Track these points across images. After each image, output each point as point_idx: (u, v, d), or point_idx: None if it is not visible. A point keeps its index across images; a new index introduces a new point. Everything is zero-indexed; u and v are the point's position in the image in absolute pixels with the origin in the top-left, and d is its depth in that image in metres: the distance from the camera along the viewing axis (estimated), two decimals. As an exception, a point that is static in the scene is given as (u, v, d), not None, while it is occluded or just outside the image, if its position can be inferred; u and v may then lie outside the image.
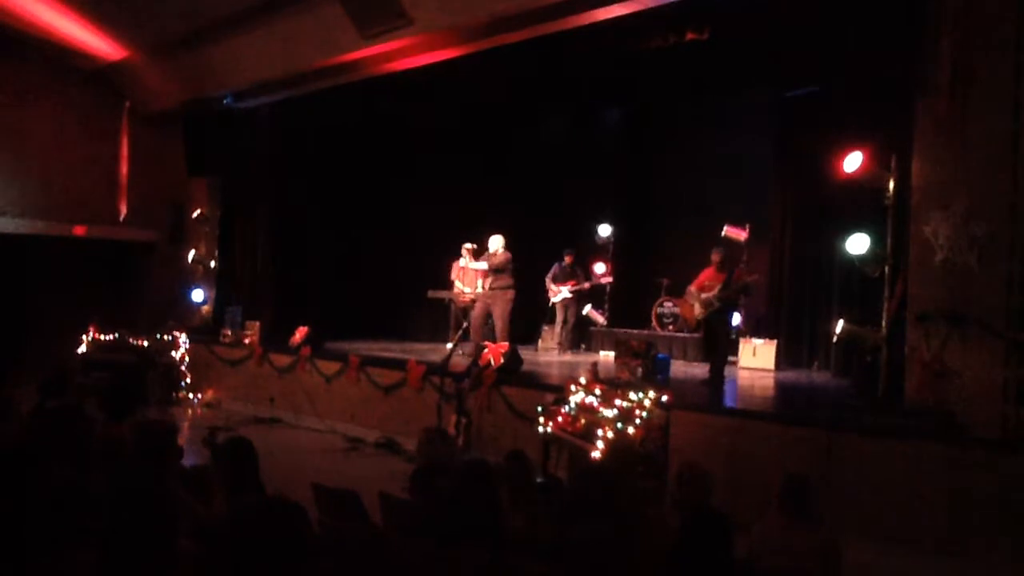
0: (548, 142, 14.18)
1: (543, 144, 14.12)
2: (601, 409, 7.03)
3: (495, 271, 11.25)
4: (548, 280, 12.85)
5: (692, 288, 9.58)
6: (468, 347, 10.92)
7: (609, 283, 13.15)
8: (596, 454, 6.57)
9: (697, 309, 9.52)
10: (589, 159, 14.13)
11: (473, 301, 11.65)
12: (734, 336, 11.27)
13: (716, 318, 9.36)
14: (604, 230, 13.36)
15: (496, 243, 11.42)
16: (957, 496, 6.08)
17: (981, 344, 6.66)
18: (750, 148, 12.31)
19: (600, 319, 13.24)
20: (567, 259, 12.84)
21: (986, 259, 6.69)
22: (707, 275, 9.48)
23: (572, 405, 7.38)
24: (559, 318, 12.92)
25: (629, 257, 13.64)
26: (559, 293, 12.75)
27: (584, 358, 11.91)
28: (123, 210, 13.97)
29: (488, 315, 11.37)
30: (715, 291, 9.27)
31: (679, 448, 6.96)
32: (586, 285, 12.81)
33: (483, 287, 11.51)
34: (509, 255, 11.33)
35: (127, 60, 13.15)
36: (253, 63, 11.79)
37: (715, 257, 9.53)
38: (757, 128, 12.03)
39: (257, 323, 12.64)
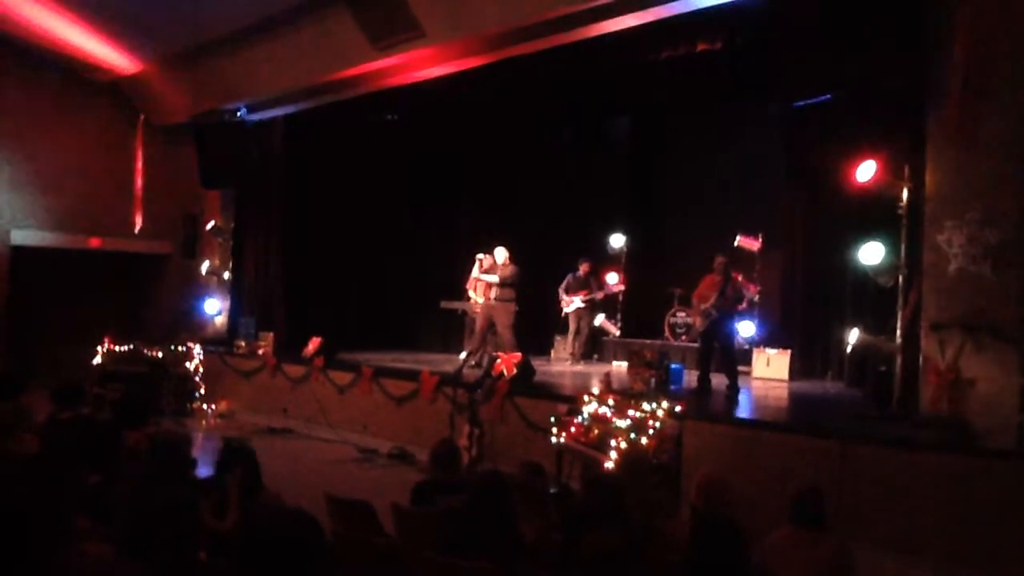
0: (559, 152, 14.23)
1: (554, 154, 14.16)
2: (614, 419, 7.02)
3: (503, 285, 11.25)
4: (561, 290, 12.82)
5: (694, 298, 9.58)
6: (477, 358, 10.97)
7: (620, 292, 13.11)
8: (609, 464, 6.55)
9: (698, 322, 9.51)
10: (601, 169, 14.16)
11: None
12: (747, 346, 11.23)
13: (715, 328, 9.32)
14: (616, 240, 13.36)
15: (501, 255, 11.42)
16: (973, 506, 6.03)
17: (996, 353, 6.63)
18: (762, 158, 12.28)
19: (613, 329, 13.22)
20: (582, 269, 12.78)
21: (1000, 267, 6.67)
22: (707, 282, 9.45)
23: (585, 415, 7.37)
24: (572, 328, 12.89)
25: (641, 267, 13.61)
26: (572, 303, 12.72)
27: (597, 368, 11.88)
28: (138, 222, 14.06)
29: (492, 326, 11.38)
30: (711, 301, 9.24)
31: (692, 458, 6.94)
32: (598, 295, 12.77)
33: (487, 297, 11.51)
34: (516, 268, 11.32)
35: (142, 73, 13.28)
36: (266, 76, 11.87)
37: (716, 264, 9.49)
38: (769, 137, 12.00)
39: (271, 334, 12.68)
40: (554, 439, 7.53)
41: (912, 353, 7.33)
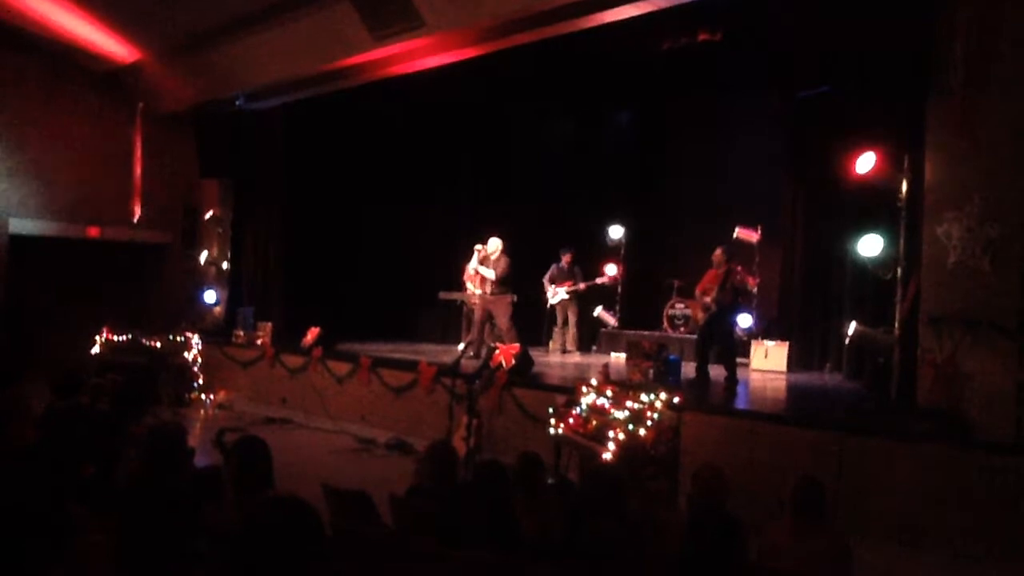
0: (559, 143, 14.21)
1: (554, 145, 14.14)
2: (612, 411, 7.02)
3: (500, 281, 11.22)
4: (545, 281, 12.81)
5: (697, 291, 9.57)
6: (475, 348, 10.98)
7: (607, 282, 13.02)
8: (607, 456, 6.56)
9: (699, 315, 9.50)
10: (601, 160, 14.15)
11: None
12: (745, 338, 11.23)
13: (715, 321, 9.31)
14: (615, 231, 13.34)
15: (494, 245, 11.40)
16: (971, 499, 6.05)
17: (994, 346, 6.63)
18: (762, 149, 12.27)
19: (611, 321, 13.21)
20: (565, 259, 12.79)
21: (1000, 261, 6.66)
22: (709, 276, 9.45)
23: (583, 407, 7.38)
24: (559, 319, 12.91)
25: (640, 258, 13.61)
26: (557, 294, 12.73)
27: (595, 360, 11.88)
28: (137, 211, 14.03)
29: (490, 318, 11.37)
30: (712, 294, 9.24)
31: (690, 450, 6.96)
32: (581, 286, 12.70)
33: (483, 291, 11.51)
34: (507, 260, 11.29)
35: (140, 62, 13.23)
36: (265, 65, 11.84)
37: (715, 257, 9.47)
38: (769, 129, 11.99)
39: (269, 324, 12.68)
40: (552, 430, 7.54)
41: (910, 346, 7.34)
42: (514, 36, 9.51)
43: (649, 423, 6.74)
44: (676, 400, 7.16)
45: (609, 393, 7.31)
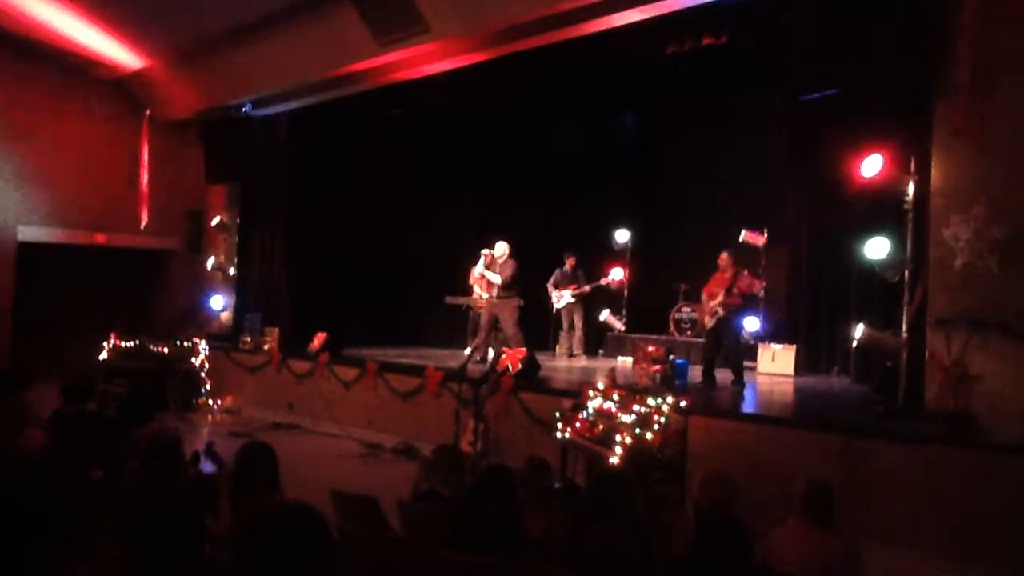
0: (565, 147, 14.22)
1: (559, 149, 14.15)
2: (619, 415, 7.01)
3: (505, 286, 11.22)
4: (550, 286, 12.83)
5: (704, 295, 9.55)
6: (481, 353, 10.99)
7: (612, 285, 13.01)
8: (614, 460, 6.54)
9: (706, 320, 9.49)
10: (606, 164, 14.16)
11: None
12: (752, 342, 11.20)
13: (722, 325, 9.29)
14: (621, 235, 13.34)
15: (501, 249, 11.41)
16: (979, 501, 6.02)
17: (1002, 348, 6.61)
18: (767, 152, 12.26)
19: (618, 325, 13.20)
20: (568, 263, 12.81)
21: (1007, 262, 6.64)
22: (716, 280, 9.43)
23: (590, 411, 7.36)
24: (565, 324, 12.91)
25: (647, 262, 13.60)
26: (562, 299, 12.73)
27: (602, 364, 11.88)
28: (144, 218, 14.09)
29: (496, 322, 11.38)
30: (719, 298, 9.22)
31: (697, 454, 6.94)
32: (586, 289, 12.73)
33: (490, 295, 11.51)
34: (515, 264, 11.31)
35: (147, 69, 13.29)
36: (271, 71, 11.88)
37: (720, 261, 9.44)
38: (774, 132, 11.97)
39: (276, 329, 12.69)
40: (559, 434, 7.53)
41: (918, 348, 7.31)
42: (519, 42, 9.52)
43: (656, 427, 6.72)
44: (683, 404, 7.14)
45: (616, 397, 7.29)
